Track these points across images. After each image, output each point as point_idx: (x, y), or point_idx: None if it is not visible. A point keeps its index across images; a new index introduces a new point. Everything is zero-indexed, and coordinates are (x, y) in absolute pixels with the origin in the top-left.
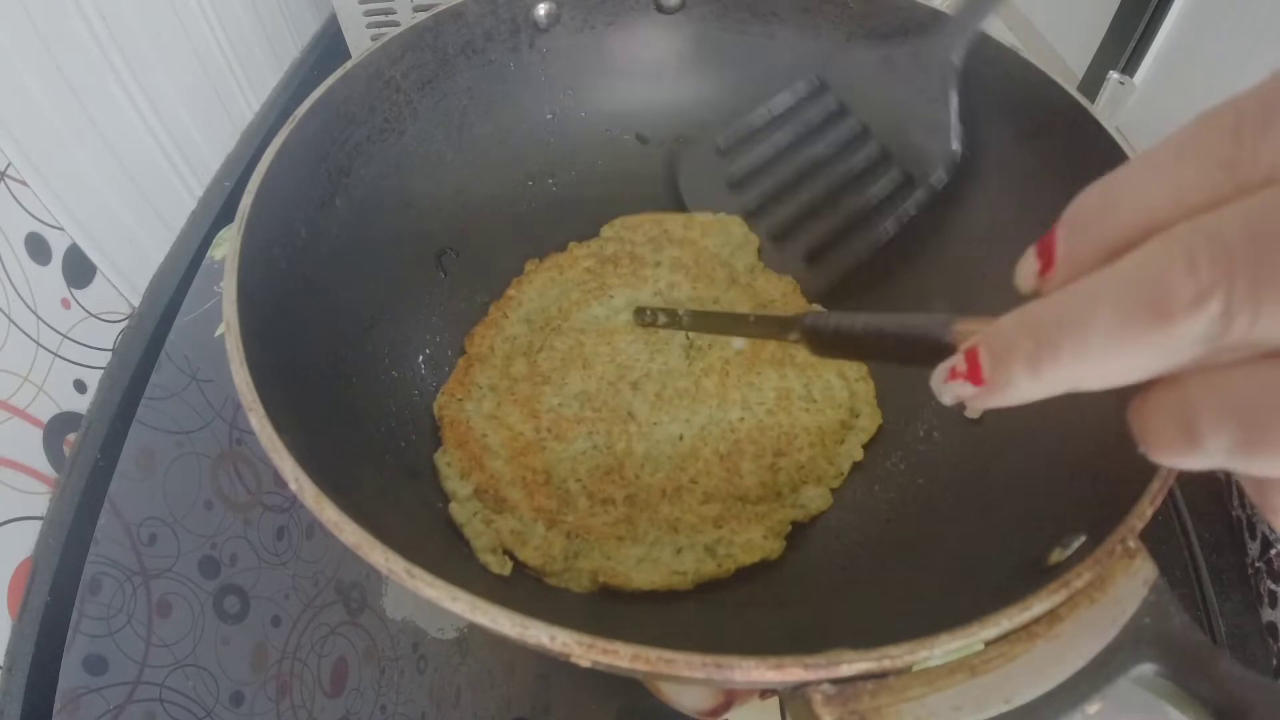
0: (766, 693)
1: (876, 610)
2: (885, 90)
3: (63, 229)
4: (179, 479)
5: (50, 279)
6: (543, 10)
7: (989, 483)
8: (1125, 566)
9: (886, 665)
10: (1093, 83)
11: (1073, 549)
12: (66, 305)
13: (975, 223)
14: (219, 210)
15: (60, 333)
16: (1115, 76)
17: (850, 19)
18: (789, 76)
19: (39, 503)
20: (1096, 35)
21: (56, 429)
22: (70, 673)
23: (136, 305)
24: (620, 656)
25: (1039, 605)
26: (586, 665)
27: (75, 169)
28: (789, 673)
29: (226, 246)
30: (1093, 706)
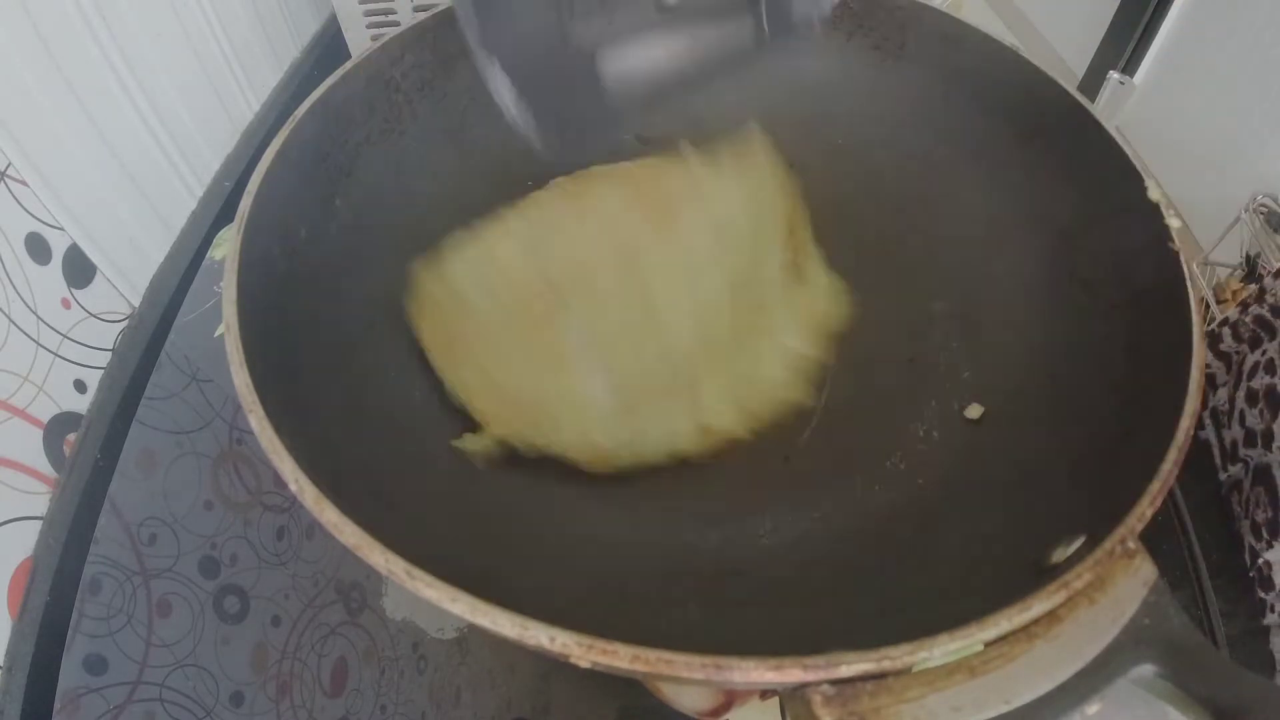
0: (766, 693)
1: (876, 611)
2: None
3: (63, 229)
4: (179, 479)
5: (50, 279)
6: None
7: (989, 483)
8: (1125, 567)
9: (886, 666)
10: (1093, 83)
11: (1072, 549)
12: (66, 305)
13: (975, 222)
14: (219, 210)
15: (60, 333)
16: (1115, 76)
17: (851, 19)
18: (789, 76)
19: (39, 503)
20: (1096, 35)
21: (56, 429)
22: (70, 673)
23: (136, 305)
24: (620, 657)
25: (1038, 606)
26: (586, 666)
27: (75, 169)
28: (788, 673)
29: (226, 246)
30: (1092, 707)
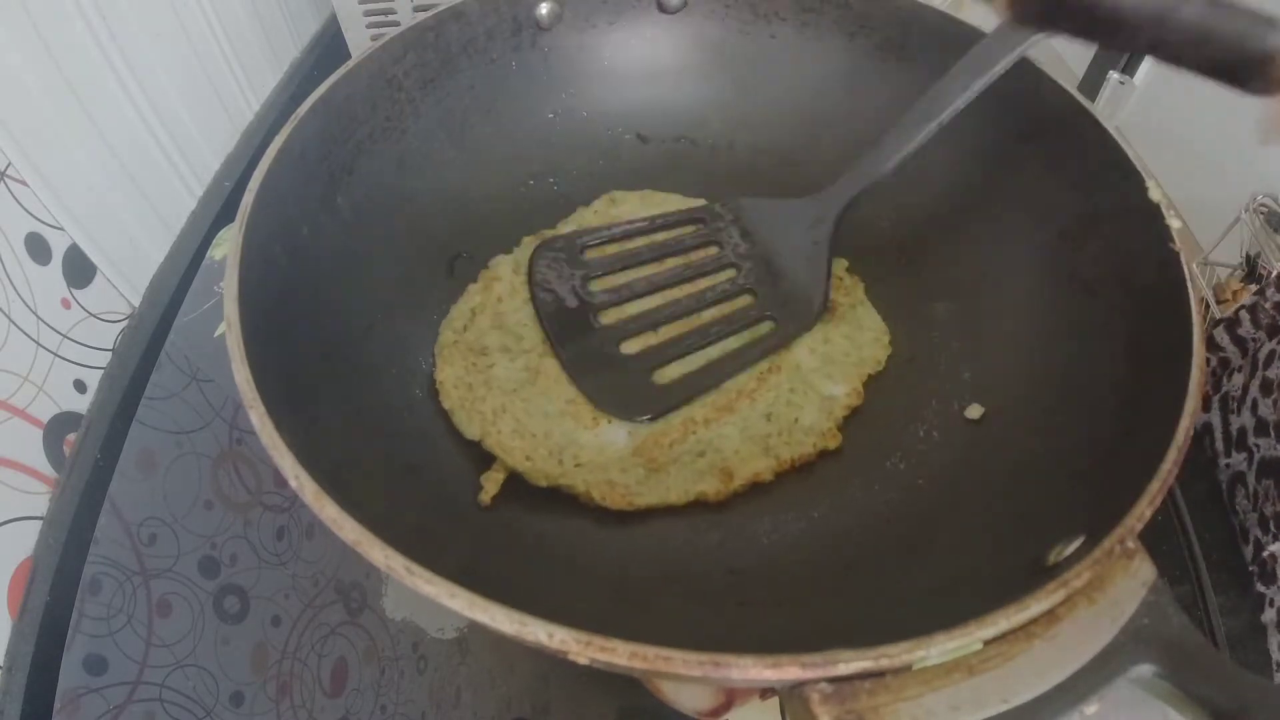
0: (767, 692)
1: (875, 609)
2: (773, 236)
3: (63, 229)
4: (179, 479)
5: (50, 279)
6: (544, 9)
7: (989, 483)
8: (1124, 567)
9: (884, 664)
10: (1093, 83)
11: (1072, 549)
12: (66, 305)
13: (975, 222)
14: (219, 210)
15: (60, 333)
16: (1115, 76)
17: (852, 19)
18: (790, 76)
19: (39, 503)
20: None
21: (56, 429)
22: (70, 673)
23: (136, 305)
24: (618, 654)
25: (1037, 605)
26: (585, 663)
27: (75, 169)
28: (786, 671)
29: (227, 246)
30: (1091, 707)
